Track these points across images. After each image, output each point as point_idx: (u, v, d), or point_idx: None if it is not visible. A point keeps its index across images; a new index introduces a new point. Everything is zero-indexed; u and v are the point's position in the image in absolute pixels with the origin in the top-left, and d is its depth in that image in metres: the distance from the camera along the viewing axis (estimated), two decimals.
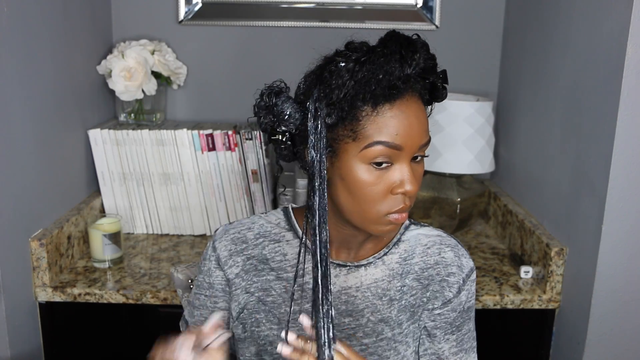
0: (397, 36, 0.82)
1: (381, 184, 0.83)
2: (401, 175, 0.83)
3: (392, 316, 0.94)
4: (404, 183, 0.83)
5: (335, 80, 0.80)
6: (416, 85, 0.83)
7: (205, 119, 1.91)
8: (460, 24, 1.89)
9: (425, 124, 0.84)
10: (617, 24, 1.17)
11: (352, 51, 0.82)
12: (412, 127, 0.82)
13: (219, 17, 1.88)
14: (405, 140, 0.81)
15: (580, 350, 1.30)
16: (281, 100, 0.85)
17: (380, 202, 0.84)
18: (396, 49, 0.80)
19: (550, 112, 1.49)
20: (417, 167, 0.86)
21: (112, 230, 1.51)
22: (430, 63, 0.82)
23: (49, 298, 1.39)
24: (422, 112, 0.84)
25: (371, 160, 0.81)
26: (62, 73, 1.50)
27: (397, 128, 0.81)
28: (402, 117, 0.81)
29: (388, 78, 0.79)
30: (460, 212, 1.73)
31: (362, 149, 0.81)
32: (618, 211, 1.21)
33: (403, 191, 0.83)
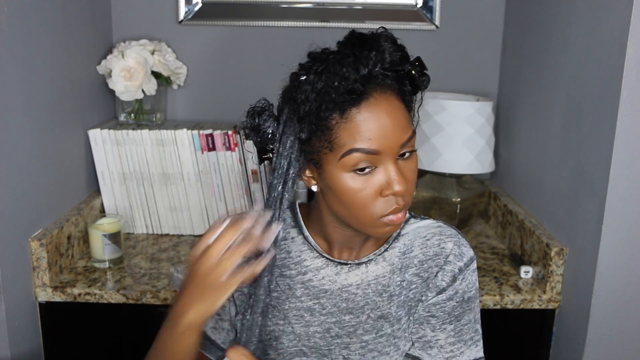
0: (352, 37, 0.81)
1: (368, 189, 0.82)
2: (387, 177, 0.82)
3: (392, 312, 0.94)
4: (392, 184, 0.81)
5: (300, 95, 0.80)
6: (384, 81, 0.81)
7: (205, 119, 1.91)
8: (460, 24, 1.89)
9: (402, 119, 0.82)
10: (617, 24, 1.17)
11: (313, 61, 0.81)
12: (385, 128, 0.80)
13: (219, 17, 1.88)
14: (381, 142, 0.80)
15: (580, 350, 1.30)
16: (262, 120, 0.86)
17: (372, 206, 0.83)
18: (349, 52, 0.79)
19: (550, 112, 1.49)
20: (407, 163, 0.84)
21: (112, 230, 1.51)
22: (397, 55, 0.80)
23: (49, 298, 1.39)
24: (396, 109, 0.81)
25: (352, 168, 0.81)
26: (62, 73, 1.50)
27: (370, 132, 0.79)
28: (373, 118, 0.79)
29: (344, 83, 0.78)
30: (460, 212, 1.73)
31: (339, 158, 0.80)
32: (618, 211, 1.21)
33: (392, 193, 0.82)
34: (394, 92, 0.82)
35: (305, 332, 0.95)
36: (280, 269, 0.97)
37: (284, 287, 0.96)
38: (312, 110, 0.79)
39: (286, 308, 0.96)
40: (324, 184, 0.85)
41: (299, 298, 0.96)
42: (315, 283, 0.95)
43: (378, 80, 0.80)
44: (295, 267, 0.96)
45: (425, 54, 1.80)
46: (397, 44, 0.81)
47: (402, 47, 0.82)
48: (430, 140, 1.68)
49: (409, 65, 0.82)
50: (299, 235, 0.97)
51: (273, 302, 0.96)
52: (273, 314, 0.96)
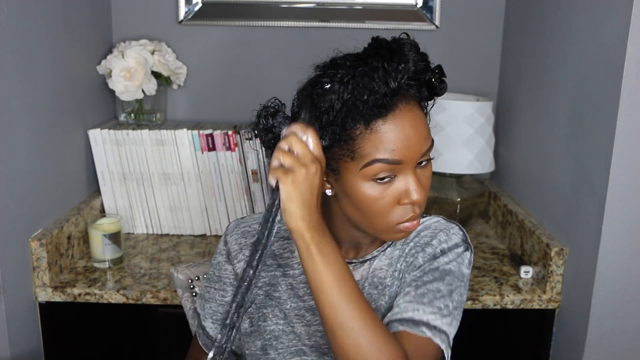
0: (380, 47, 0.80)
1: (387, 197, 0.82)
2: (406, 186, 0.82)
3: (383, 304, 0.93)
4: (410, 193, 0.82)
5: (323, 103, 0.79)
6: (409, 91, 0.81)
7: (205, 119, 1.91)
8: (460, 24, 1.89)
9: (424, 130, 0.82)
10: (617, 24, 1.17)
11: (336, 68, 0.80)
12: (409, 139, 0.80)
13: (219, 17, 1.88)
14: (404, 153, 0.80)
15: (580, 350, 1.30)
16: (278, 122, 0.86)
17: (389, 214, 0.83)
18: (379, 64, 0.78)
19: (551, 112, 1.49)
20: (424, 172, 0.84)
21: (112, 230, 1.51)
22: (422, 64, 0.80)
23: (49, 298, 1.39)
24: (420, 119, 0.82)
25: (373, 177, 0.81)
26: (62, 73, 1.50)
27: (394, 143, 0.79)
28: (398, 130, 0.79)
29: (374, 97, 0.77)
30: (460, 212, 1.73)
31: (361, 167, 0.80)
32: (618, 211, 1.21)
33: (410, 202, 0.82)
34: (416, 102, 0.83)
35: (306, 332, 0.95)
36: (283, 269, 0.97)
37: (287, 287, 0.96)
38: (337, 120, 0.79)
39: (287, 308, 0.96)
40: (340, 190, 0.85)
41: (301, 297, 0.96)
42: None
43: (403, 91, 0.80)
44: (299, 267, 0.96)
45: None
46: (420, 52, 0.81)
47: (425, 56, 0.82)
48: None
49: (430, 73, 0.82)
50: None
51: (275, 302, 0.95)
52: (274, 313, 0.96)
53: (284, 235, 0.98)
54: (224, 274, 1.00)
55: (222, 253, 1.00)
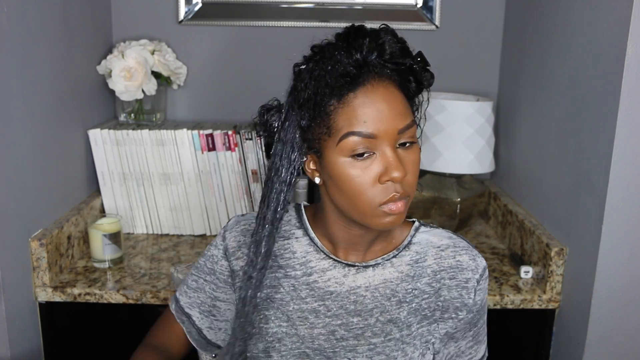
0: (350, 28, 0.84)
1: (366, 175, 0.82)
2: (385, 163, 0.82)
3: (401, 317, 0.93)
4: (389, 170, 0.82)
5: (299, 83, 0.83)
6: (383, 70, 0.83)
7: (205, 119, 1.91)
8: (460, 24, 1.89)
9: (399, 106, 0.83)
10: (617, 24, 1.17)
11: (313, 52, 0.85)
12: (381, 112, 0.81)
13: (219, 17, 1.88)
14: (377, 126, 0.81)
15: (580, 350, 1.30)
16: (270, 115, 0.89)
17: (370, 193, 0.83)
18: (343, 40, 0.82)
19: (550, 112, 1.49)
20: (408, 153, 0.84)
21: (112, 230, 1.51)
22: (397, 46, 0.82)
23: (49, 298, 1.39)
24: (393, 96, 0.83)
25: (350, 152, 0.82)
26: (62, 73, 1.50)
27: (366, 115, 0.81)
28: (369, 103, 0.81)
29: (337, 67, 0.81)
30: (460, 212, 1.73)
31: (337, 142, 0.82)
32: (618, 211, 1.21)
33: (389, 178, 0.82)
34: (393, 82, 0.84)
35: (309, 334, 0.94)
36: (284, 270, 0.96)
37: (289, 288, 0.95)
38: (310, 96, 0.82)
39: (290, 310, 0.95)
40: (325, 174, 0.87)
41: (303, 299, 0.95)
42: (320, 284, 0.94)
43: (376, 69, 0.82)
44: (301, 268, 0.95)
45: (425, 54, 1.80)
46: (398, 37, 0.83)
47: (402, 40, 0.84)
48: (430, 140, 1.68)
49: (410, 59, 0.84)
50: (305, 236, 0.96)
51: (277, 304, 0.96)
52: (276, 315, 0.95)
53: (284, 235, 0.98)
54: (218, 269, 0.99)
55: (218, 247, 1.00)
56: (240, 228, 0.99)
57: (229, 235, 0.99)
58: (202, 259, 1.02)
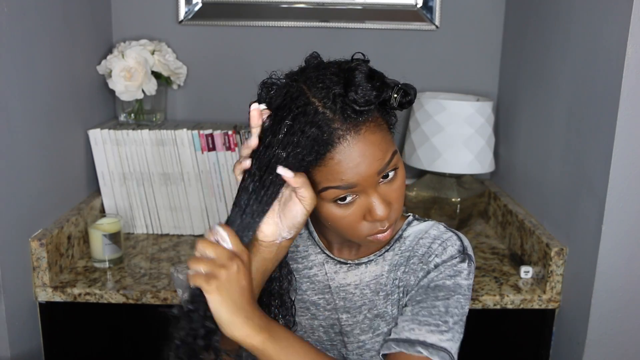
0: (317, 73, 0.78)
1: (351, 216, 0.81)
2: (368, 205, 0.81)
3: (388, 311, 0.94)
4: (373, 212, 0.80)
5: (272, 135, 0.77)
6: (358, 118, 0.77)
7: (205, 119, 1.91)
8: (460, 24, 1.89)
9: (377, 152, 0.78)
10: (617, 24, 1.17)
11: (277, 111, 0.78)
12: (359, 166, 0.77)
13: (219, 17, 1.88)
14: (356, 178, 0.78)
15: (580, 350, 1.30)
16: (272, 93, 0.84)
17: (357, 229, 0.83)
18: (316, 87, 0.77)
19: (550, 112, 1.49)
20: (390, 184, 0.82)
21: (112, 230, 1.51)
22: (373, 93, 0.76)
23: (49, 298, 1.39)
24: (371, 141, 0.77)
25: (332, 199, 0.80)
26: (62, 73, 1.50)
27: (344, 172, 0.77)
28: (347, 160, 0.77)
29: (310, 132, 0.75)
30: (460, 212, 1.73)
31: (318, 192, 0.80)
32: (618, 211, 1.21)
33: (373, 219, 0.81)
34: (370, 124, 0.78)
35: (310, 325, 0.97)
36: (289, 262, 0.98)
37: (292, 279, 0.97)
38: (286, 154, 0.76)
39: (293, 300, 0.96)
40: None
41: (304, 292, 0.97)
42: (320, 278, 0.97)
43: (352, 120, 0.76)
44: (302, 262, 0.98)
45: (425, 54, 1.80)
46: (373, 74, 0.78)
47: (379, 77, 0.78)
48: (430, 140, 1.68)
49: (388, 93, 0.79)
50: (305, 230, 0.99)
51: None
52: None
53: None
54: None
55: None
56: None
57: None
58: None
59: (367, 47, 0.82)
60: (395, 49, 1.88)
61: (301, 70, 0.83)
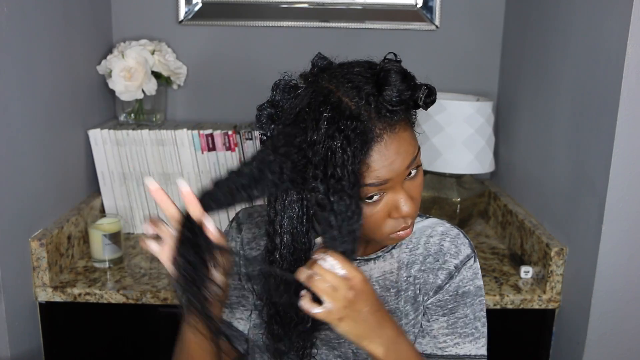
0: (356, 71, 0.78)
1: (377, 214, 0.82)
2: (395, 201, 0.81)
3: (400, 307, 0.95)
4: (400, 208, 0.81)
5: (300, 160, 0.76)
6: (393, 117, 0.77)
7: (205, 119, 1.91)
8: (460, 24, 1.89)
9: (409, 149, 0.80)
10: (617, 24, 1.17)
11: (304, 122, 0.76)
12: (394, 164, 0.78)
13: (219, 17, 1.88)
14: (389, 174, 0.78)
15: (580, 350, 1.30)
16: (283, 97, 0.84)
17: (381, 228, 0.83)
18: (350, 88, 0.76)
19: (551, 112, 1.49)
20: (413, 181, 0.83)
21: (112, 230, 1.51)
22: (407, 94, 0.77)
23: (49, 298, 1.39)
24: (405, 142, 0.79)
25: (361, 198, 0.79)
26: (62, 73, 1.50)
27: (380, 171, 0.78)
28: (382, 159, 0.77)
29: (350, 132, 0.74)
30: (460, 212, 1.73)
31: None
32: (618, 211, 1.21)
33: (400, 216, 0.82)
34: (402, 123, 0.79)
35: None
36: None
37: None
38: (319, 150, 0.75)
39: None
40: None
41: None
42: None
43: (388, 119, 0.77)
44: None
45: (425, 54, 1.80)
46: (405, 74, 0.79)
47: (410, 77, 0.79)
48: (430, 140, 1.68)
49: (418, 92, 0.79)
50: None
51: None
52: None
53: None
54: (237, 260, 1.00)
55: (236, 240, 1.01)
56: (255, 221, 1.01)
57: (245, 227, 1.01)
58: None
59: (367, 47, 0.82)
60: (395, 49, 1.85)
61: (321, 70, 0.82)
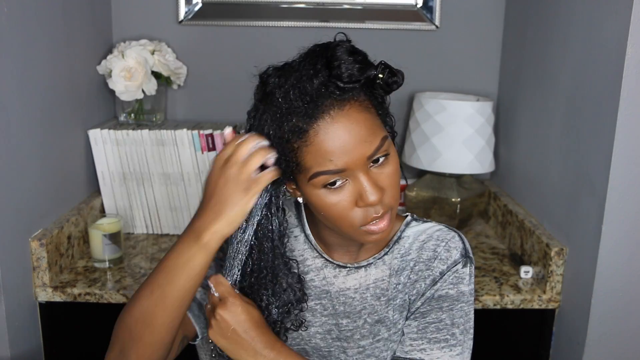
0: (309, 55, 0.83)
1: (343, 201, 0.80)
2: (359, 189, 0.79)
3: (389, 316, 0.93)
4: (364, 196, 0.79)
5: (258, 120, 0.82)
6: (342, 95, 0.77)
7: (205, 119, 1.91)
8: (460, 24, 1.89)
9: (364, 132, 0.77)
10: (617, 24, 1.17)
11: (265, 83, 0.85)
12: (346, 144, 0.76)
13: (219, 17, 1.88)
14: (344, 160, 0.77)
15: (580, 350, 1.30)
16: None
17: (350, 217, 0.81)
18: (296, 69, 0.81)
19: (551, 112, 1.49)
20: (382, 169, 0.81)
21: (112, 230, 1.51)
22: (356, 67, 0.77)
23: (49, 298, 1.39)
24: (356, 121, 0.77)
25: (322, 185, 0.79)
26: (62, 73, 1.50)
27: (331, 153, 0.76)
28: (332, 137, 0.76)
29: (289, 106, 0.77)
30: (460, 212, 1.73)
31: (308, 179, 0.79)
32: (618, 211, 1.21)
33: (365, 204, 0.79)
34: (358, 102, 0.78)
35: (306, 333, 0.95)
36: None
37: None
38: (273, 136, 0.80)
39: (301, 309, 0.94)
40: (304, 197, 0.85)
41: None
42: (317, 283, 0.95)
43: (334, 96, 0.77)
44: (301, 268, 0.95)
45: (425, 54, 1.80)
46: (355, 51, 0.79)
47: (361, 54, 0.79)
48: (430, 140, 1.68)
49: (372, 71, 0.79)
50: (302, 233, 0.96)
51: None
52: None
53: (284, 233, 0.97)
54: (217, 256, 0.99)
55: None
56: None
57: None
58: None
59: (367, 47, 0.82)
60: (395, 49, 1.87)
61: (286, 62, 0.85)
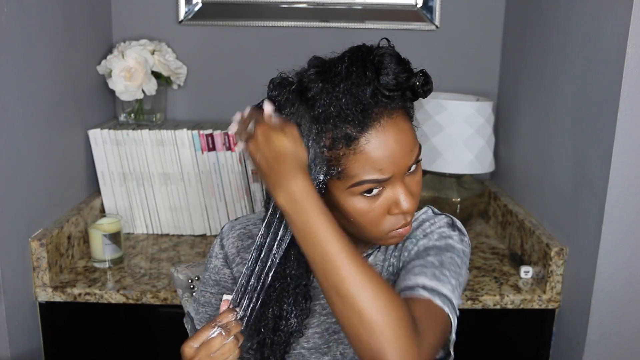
0: (351, 57, 0.78)
1: (377, 209, 0.80)
2: (395, 197, 0.80)
3: None
4: (400, 204, 0.80)
5: (303, 126, 0.78)
6: (391, 104, 0.77)
7: (205, 119, 1.91)
8: (460, 24, 1.89)
9: (410, 141, 0.79)
10: (617, 24, 1.17)
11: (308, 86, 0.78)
12: (395, 155, 0.77)
13: (219, 17, 1.88)
14: (391, 169, 0.77)
15: (580, 350, 1.30)
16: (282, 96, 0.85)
17: (381, 224, 0.81)
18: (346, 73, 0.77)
19: (551, 112, 1.49)
20: (413, 177, 0.82)
21: (112, 230, 1.51)
22: (403, 76, 0.77)
23: (49, 298, 1.39)
24: (404, 131, 0.78)
25: (361, 192, 0.79)
26: (62, 73, 1.50)
27: (381, 162, 0.77)
28: (382, 148, 0.76)
29: (342, 113, 0.75)
30: (460, 212, 1.73)
31: (348, 187, 0.78)
32: (618, 211, 1.21)
33: (400, 212, 0.80)
34: (400, 110, 0.79)
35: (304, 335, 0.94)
36: None
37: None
38: (319, 142, 0.77)
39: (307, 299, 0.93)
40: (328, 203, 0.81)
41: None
42: (315, 284, 0.94)
43: (383, 104, 0.77)
44: None
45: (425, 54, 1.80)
46: (401, 59, 0.78)
47: (406, 65, 0.79)
48: (430, 140, 1.68)
49: (414, 79, 0.79)
50: None
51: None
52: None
53: None
54: (222, 278, 0.98)
55: (218, 257, 0.99)
56: (237, 233, 0.98)
57: (227, 242, 0.98)
58: (207, 273, 1.00)
59: None
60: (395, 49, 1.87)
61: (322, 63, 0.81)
